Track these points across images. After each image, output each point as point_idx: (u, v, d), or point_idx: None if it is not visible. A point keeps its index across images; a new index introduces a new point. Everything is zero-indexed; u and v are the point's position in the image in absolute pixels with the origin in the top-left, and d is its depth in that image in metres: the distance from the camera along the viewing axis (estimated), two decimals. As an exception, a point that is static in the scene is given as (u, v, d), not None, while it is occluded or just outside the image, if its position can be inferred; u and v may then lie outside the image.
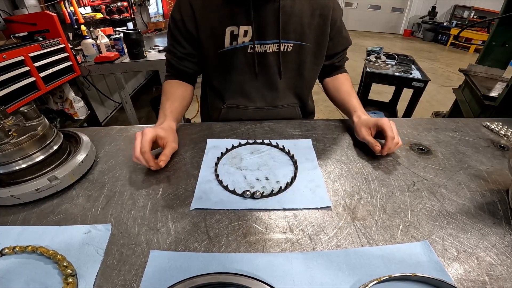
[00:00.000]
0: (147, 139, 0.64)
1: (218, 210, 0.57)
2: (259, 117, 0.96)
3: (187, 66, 0.91)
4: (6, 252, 0.47)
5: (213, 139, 0.82)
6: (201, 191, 0.62)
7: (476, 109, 1.64)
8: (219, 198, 0.60)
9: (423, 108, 3.78)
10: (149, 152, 0.64)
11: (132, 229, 0.53)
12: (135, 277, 0.44)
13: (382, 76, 2.49)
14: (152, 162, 0.64)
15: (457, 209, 0.57)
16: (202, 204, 0.58)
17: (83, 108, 2.37)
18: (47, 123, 0.65)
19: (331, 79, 1.01)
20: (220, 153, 0.74)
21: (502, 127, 0.89)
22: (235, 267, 0.45)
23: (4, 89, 1.56)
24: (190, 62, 0.91)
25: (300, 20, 0.83)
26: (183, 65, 0.91)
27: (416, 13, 10.56)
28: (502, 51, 1.84)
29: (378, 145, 0.72)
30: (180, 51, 0.89)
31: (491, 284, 0.43)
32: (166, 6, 4.69)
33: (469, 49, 8.32)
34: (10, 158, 0.58)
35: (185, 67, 0.91)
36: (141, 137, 0.64)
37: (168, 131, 0.73)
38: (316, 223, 0.54)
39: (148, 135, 0.65)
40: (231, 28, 0.81)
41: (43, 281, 0.43)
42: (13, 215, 0.56)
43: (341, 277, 0.44)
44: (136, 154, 0.63)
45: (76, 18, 2.54)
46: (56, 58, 1.97)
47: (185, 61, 0.91)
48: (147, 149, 0.63)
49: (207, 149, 0.77)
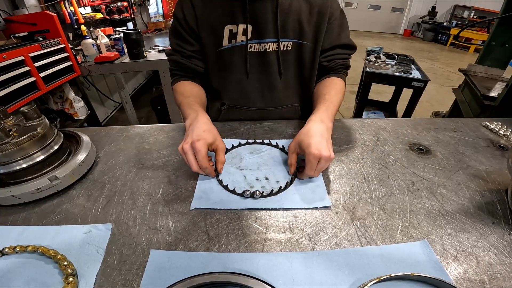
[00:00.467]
0: (203, 155, 0.60)
1: (218, 209, 0.57)
2: (260, 117, 0.95)
3: (197, 64, 0.89)
4: (7, 252, 0.47)
5: None
6: (201, 191, 0.62)
7: (476, 109, 1.64)
8: (219, 198, 0.61)
9: (423, 108, 3.78)
10: (210, 167, 0.63)
11: (133, 228, 0.53)
12: (135, 277, 0.44)
13: (382, 76, 2.49)
14: (213, 173, 0.65)
15: (456, 209, 0.58)
16: (202, 204, 0.58)
17: (83, 108, 2.37)
18: (47, 123, 0.66)
19: (318, 84, 0.93)
20: None
21: (501, 127, 0.89)
22: (235, 266, 0.46)
23: (4, 89, 1.56)
24: (199, 60, 0.89)
25: (298, 18, 0.82)
26: (193, 64, 0.88)
27: (416, 13, 10.56)
28: (502, 51, 1.84)
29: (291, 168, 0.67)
30: (188, 49, 0.87)
31: (490, 283, 0.43)
32: (166, 6, 4.69)
33: (469, 49, 8.33)
34: (10, 158, 0.58)
35: (195, 65, 0.89)
36: (194, 152, 0.61)
37: (211, 132, 0.67)
38: (315, 222, 0.55)
39: (202, 151, 0.60)
40: (230, 27, 0.81)
41: (44, 280, 0.44)
42: (14, 214, 0.56)
43: (340, 276, 0.44)
44: (194, 169, 0.61)
45: (76, 18, 2.55)
46: (56, 58, 1.97)
47: (194, 59, 0.88)
48: (208, 165, 0.62)
49: None
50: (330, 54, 0.90)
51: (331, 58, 0.90)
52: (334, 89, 0.85)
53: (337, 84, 0.88)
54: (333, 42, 0.88)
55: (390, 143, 0.81)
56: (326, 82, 0.90)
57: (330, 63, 0.90)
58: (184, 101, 0.80)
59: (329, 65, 0.91)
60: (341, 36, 0.89)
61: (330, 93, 0.83)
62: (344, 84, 0.91)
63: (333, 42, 0.88)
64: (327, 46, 0.88)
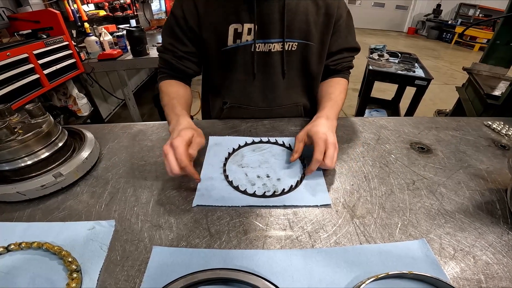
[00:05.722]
0: (181, 152, 0.56)
1: (220, 207, 0.58)
2: (261, 116, 0.95)
3: (188, 66, 0.87)
4: (12, 248, 0.48)
5: (215, 136, 0.83)
6: (203, 188, 0.63)
7: (479, 108, 1.63)
8: (221, 195, 0.61)
9: (426, 106, 3.76)
10: (190, 165, 0.58)
11: (135, 225, 0.54)
12: (137, 273, 0.45)
13: (385, 74, 2.48)
14: (196, 174, 0.60)
15: (456, 208, 0.58)
16: (204, 201, 0.59)
17: (86, 104, 2.39)
18: (52, 121, 0.66)
19: (322, 84, 0.95)
20: (228, 153, 0.75)
21: (503, 127, 0.89)
22: (235, 263, 0.46)
23: (9, 86, 1.57)
24: (191, 62, 0.87)
25: (305, 18, 0.81)
26: (183, 65, 0.86)
27: (421, 11, 10.46)
28: (506, 49, 1.82)
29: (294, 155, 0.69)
30: (181, 50, 0.84)
31: (487, 283, 0.43)
32: (168, 3, 4.69)
33: (474, 48, 8.25)
34: (15, 155, 0.59)
35: (185, 67, 0.87)
36: (173, 151, 0.57)
37: (190, 129, 0.64)
38: (315, 220, 0.55)
39: (180, 147, 0.56)
40: (235, 26, 0.79)
41: (49, 276, 0.45)
42: (19, 211, 0.57)
43: (339, 273, 0.45)
44: (175, 172, 0.56)
45: (80, 15, 2.55)
46: (59, 55, 1.98)
47: (185, 61, 0.86)
48: (187, 163, 0.57)
49: (208, 147, 0.78)
50: (337, 58, 0.92)
51: (338, 62, 0.93)
52: (338, 89, 0.89)
53: (341, 84, 0.92)
54: (340, 45, 0.90)
55: (391, 142, 0.82)
56: (332, 82, 0.93)
57: (337, 66, 0.93)
58: (168, 103, 0.79)
59: (335, 68, 0.93)
60: (348, 39, 0.90)
61: (335, 93, 0.87)
62: (347, 83, 0.95)
63: (341, 45, 0.90)
64: (334, 50, 0.90)
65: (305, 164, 0.71)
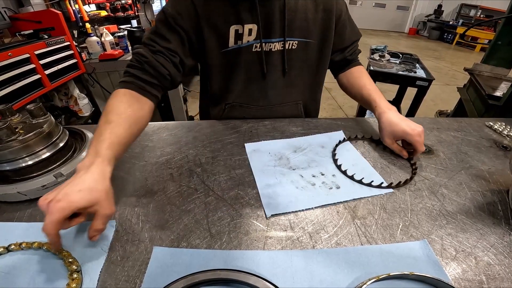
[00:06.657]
0: (53, 220, 0.41)
1: (220, 207, 0.58)
2: (262, 115, 0.95)
3: (163, 63, 0.73)
4: (13, 248, 0.48)
5: (250, 142, 0.81)
6: (267, 197, 0.61)
7: (480, 108, 1.63)
8: (288, 200, 0.60)
9: (427, 107, 3.75)
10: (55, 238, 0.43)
11: (136, 225, 0.54)
12: (138, 273, 0.45)
13: (386, 74, 2.48)
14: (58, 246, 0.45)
15: (457, 209, 0.58)
16: (276, 210, 0.58)
17: (87, 105, 2.39)
18: (53, 121, 0.66)
19: (344, 74, 0.99)
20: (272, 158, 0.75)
21: (505, 127, 0.89)
22: (236, 263, 0.46)
23: (10, 86, 1.58)
24: (169, 61, 0.74)
25: (305, 16, 0.82)
26: (157, 60, 0.72)
27: (422, 11, 10.45)
28: (508, 50, 1.82)
29: (405, 154, 0.75)
30: (159, 44, 0.73)
31: (488, 283, 0.43)
32: (170, 4, 4.69)
33: (475, 48, 8.24)
34: (16, 155, 0.59)
35: (159, 62, 0.72)
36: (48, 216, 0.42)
37: (92, 193, 0.46)
38: (316, 221, 0.55)
39: (55, 215, 0.42)
40: (236, 27, 0.79)
41: (49, 276, 0.45)
42: (20, 211, 0.57)
43: (340, 274, 0.45)
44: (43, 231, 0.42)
45: (81, 15, 2.56)
46: (61, 55, 1.98)
47: (160, 56, 0.73)
48: (53, 235, 0.42)
49: (248, 155, 0.76)
50: (351, 48, 0.97)
51: (352, 52, 0.97)
52: (367, 77, 0.93)
53: (364, 72, 0.97)
54: (352, 38, 0.95)
55: (392, 143, 0.81)
56: (355, 73, 0.97)
57: (353, 56, 0.98)
58: (99, 127, 0.57)
59: (352, 58, 0.99)
60: (355, 30, 0.96)
61: (369, 82, 0.91)
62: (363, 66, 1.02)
63: (352, 38, 0.95)
64: (348, 43, 0.95)
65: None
